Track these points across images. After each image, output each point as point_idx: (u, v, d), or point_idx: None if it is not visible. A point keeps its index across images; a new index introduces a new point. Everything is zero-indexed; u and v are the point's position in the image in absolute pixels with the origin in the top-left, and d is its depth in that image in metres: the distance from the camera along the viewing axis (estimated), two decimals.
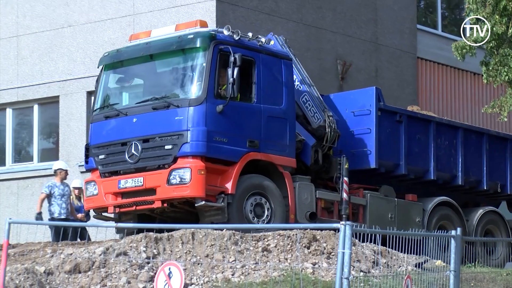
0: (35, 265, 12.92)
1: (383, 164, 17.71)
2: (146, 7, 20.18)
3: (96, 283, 12.90)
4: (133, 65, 16.55)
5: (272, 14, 20.81)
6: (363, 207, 17.42)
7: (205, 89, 15.32)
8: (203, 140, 15.19)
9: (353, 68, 22.52)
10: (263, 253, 14.20)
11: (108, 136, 16.12)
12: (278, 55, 16.69)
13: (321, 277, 13.30)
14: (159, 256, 13.61)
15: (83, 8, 20.88)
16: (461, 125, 19.69)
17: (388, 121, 17.89)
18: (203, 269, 13.49)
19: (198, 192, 15.05)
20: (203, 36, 15.57)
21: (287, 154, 16.37)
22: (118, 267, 13.20)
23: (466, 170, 19.04)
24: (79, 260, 13.20)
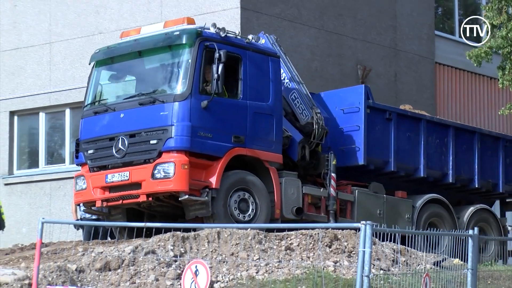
0: (67, 263, 12.95)
1: (372, 161, 17.42)
2: (174, 15, 20.16)
3: (126, 281, 12.91)
4: (122, 61, 16.33)
5: (294, 21, 20.78)
6: (351, 203, 17.08)
7: (190, 85, 15.09)
8: (187, 135, 14.97)
9: (373, 73, 22.44)
10: (286, 252, 14.17)
11: (97, 131, 15.91)
12: (265, 53, 16.40)
13: (342, 275, 13.25)
14: (186, 254, 13.62)
15: (113, 16, 20.93)
16: (452, 124, 19.28)
17: (377, 119, 17.59)
18: (228, 267, 13.48)
19: (181, 186, 14.82)
20: (189, 33, 15.36)
21: (274, 150, 16.08)
22: (146, 265, 13.22)
23: (457, 168, 18.69)
24: (109, 258, 13.22)
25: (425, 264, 13.87)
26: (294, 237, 14.42)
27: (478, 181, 18.96)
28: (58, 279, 12.35)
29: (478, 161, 19.00)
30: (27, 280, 12.11)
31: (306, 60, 21.05)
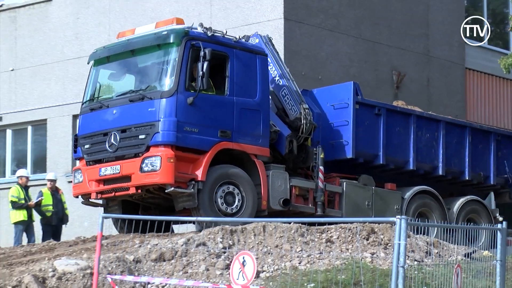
0: (125, 254, 13.02)
1: (361, 154, 17.00)
2: (222, 25, 20.12)
3: (179, 270, 12.96)
4: (117, 60, 16.09)
5: (334, 30, 20.74)
6: (339, 194, 16.67)
7: (176, 82, 14.81)
8: (173, 130, 14.67)
9: (407, 78, 22.34)
10: (327, 244, 14.14)
11: (92, 127, 15.71)
12: (253, 51, 16.04)
13: (379, 265, 13.21)
14: (234, 246, 13.64)
15: None
16: (443, 119, 18.55)
17: (366, 114, 17.14)
18: (273, 258, 13.48)
19: (167, 179, 14.53)
20: (176, 32, 15.09)
21: (260, 144, 15.71)
22: (198, 256, 13.26)
23: (448, 162, 18.16)
24: (163, 250, 13.28)
25: (456, 255, 13.77)
26: (334, 230, 14.39)
27: (469, 174, 18.42)
28: (117, 269, 12.43)
29: (469, 154, 18.45)
30: (88, 270, 12.19)
31: (345, 66, 21.00)
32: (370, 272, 12.37)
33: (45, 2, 22.85)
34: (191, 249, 13.35)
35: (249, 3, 19.95)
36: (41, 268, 12.34)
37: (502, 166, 19.07)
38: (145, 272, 12.74)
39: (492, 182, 18.92)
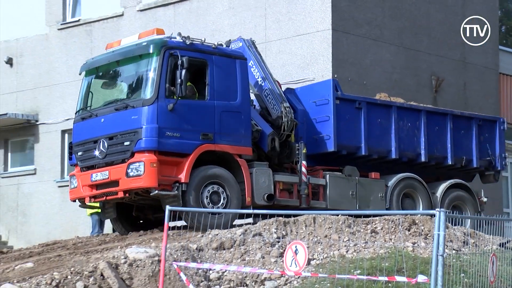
0: (189, 243, 13.08)
1: (343, 147, 16.41)
2: (276, 36, 20.22)
3: (237, 258, 12.97)
4: (104, 71, 15.70)
5: (377, 40, 20.60)
6: (323, 187, 16.11)
7: (156, 90, 14.32)
8: (155, 136, 14.20)
9: (445, 83, 22.10)
10: (372, 234, 14.07)
11: (84, 135, 15.30)
12: (232, 56, 15.52)
13: (419, 254, 13.10)
14: (287, 236, 13.62)
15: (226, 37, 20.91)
16: (423, 108, 17.84)
17: (347, 108, 16.52)
18: (323, 247, 13.44)
19: (151, 183, 14.11)
20: (155, 43, 14.66)
21: (243, 144, 15.22)
22: (254, 245, 13.26)
23: (430, 148, 17.40)
24: (223, 239, 13.30)
25: (491, 245, 13.58)
26: (378, 222, 14.31)
27: (451, 158, 17.69)
28: (182, 256, 12.47)
29: (451, 140, 17.72)
30: (156, 257, 12.25)
31: (388, 73, 20.86)
32: (411, 260, 12.26)
33: (117, 17, 23.03)
34: (248, 239, 13.36)
35: (300, 16, 19.90)
36: (114, 256, 12.44)
37: (485, 149, 18.27)
38: (207, 260, 12.78)
39: (475, 165, 18.14)
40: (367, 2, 20.37)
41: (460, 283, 10.84)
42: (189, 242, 13.12)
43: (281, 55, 20.00)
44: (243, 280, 12.25)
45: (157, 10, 22.31)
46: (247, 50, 16.52)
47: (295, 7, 19.97)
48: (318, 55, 19.52)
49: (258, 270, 11.88)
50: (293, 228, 13.90)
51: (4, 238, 24.14)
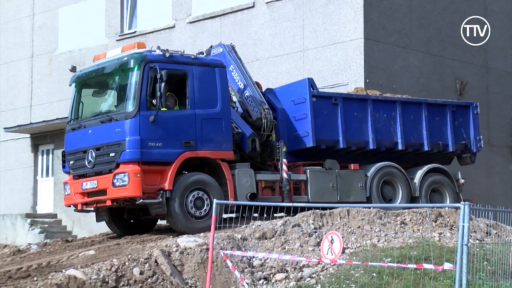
0: (234, 233, 13.08)
1: (322, 141, 15.77)
2: (312, 45, 20.17)
3: (278, 247, 12.95)
4: (90, 83, 15.07)
5: (406, 47, 20.45)
6: (304, 182, 15.48)
7: (138, 104, 13.68)
8: (137, 147, 13.58)
9: (468, 87, 21.84)
10: (401, 225, 13.97)
11: (75, 144, 14.68)
12: (211, 65, 14.80)
13: (445, 243, 12.98)
14: (324, 227, 13.57)
15: (267, 46, 21.06)
16: (398, 99, 17.11)
17: (323, 105, 15.85)
18: (356, 237, 13.37)
19: (135, 192, 13.55)
20: (135, 57, 14.00)
21: (224, 148, 14.55)
22: (293, 235, 13.22)
23: (407, 137, 16.69)
24: (265, 230, 13.29)
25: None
26: (407, 214, 14.21)
27: (428, 145, 16.93)
28: (228, 245, 12.49)
29: (426, 127, 16.95)
30: (205, 246, 12.27)
31: (415, 77, 20.69)
32: (438, 249, 12.16)
33: (169, 29, 23.14)
34: (287, 229, 13.34)
35: (335, 26, 19.82)
36: (167, 244, 12.49)
37: (460, 134, 17.55)
38: (250, 248, 12.77)
39: (451, 149, 17.38)
40: (396, 13, 20.24)
41: (483, 270, 10.73)
42: (234, 232, 13.12)
43: (317, 62, 19.93)
44: (283, 267, 12.23)
45: (205, 22, 22.37)
46: (227, 55, 15.99)
47: (330, 18, 19.90)
48: (351, 62, 19.43)
49: (297, 257, 11.84)
50: (328, 219, 13.84)
51: (69, 228, 24.44)
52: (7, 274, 12.29)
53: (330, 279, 11.65)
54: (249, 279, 11.80)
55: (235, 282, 11.62)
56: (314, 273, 12.04)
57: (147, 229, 15.38)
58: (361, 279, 11.28)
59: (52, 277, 11.23)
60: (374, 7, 19.70)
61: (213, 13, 22.16)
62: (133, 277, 11.50)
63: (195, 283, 11.81)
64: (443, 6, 21.43)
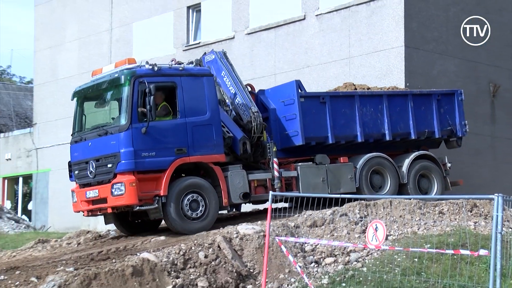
0: (288, 221, 13.08)
1: (311, 139, 15.10)
2: (358, 52, 20.01)
3: (327, 234, 12.91)
4: (89, 97, 14.48)
5: (443, 54, 20.13)
6: (295, 178, 14.82)
7: (129, 117, 13.11)
8: (131, 159, 13.05)
9: (501, 89, 21.38)
10: (439, 215, 13.79)
11: (78, 156, 14.19)
12: (199, 74, 14.14)
13: (480, 232, 12.76)
14: (368, 216, 13.47)
15: (317, 54, 20.97)
16: (384, 93, 16.25)
17: (312, 104, 15.18)
18: (398, 225, 13.25)
19: (132, 200, 13.06)
20: (125, 74, 13.39)
21: (215, 152, 13.91)
22: (341, 223, 13.17)
23: (394, 127, 15.92)
24: (316, 218, 13.26)
25: None
26: (444, 204, 14.01)
27: (414, 133, 16.11)
28: (282, 232, 12.49)
29: (412, 117, 16.13)
30: (262, 233, 12.30)
31: (452, 81, 20.34)
32: (473, 236, 11.98)
33: (229, 39, 23.22)
34: (336, 218, 13.28)
35: (378, 35, 19.64)
36: (228, 231, 12.55)
37: (446, 120, 16.73)
38: (302, 235, 12.75)
39: (437, 136, 16.59)
40: (434, 23, 19.95)
41: None
42: (288, 220, 13.12)
43: (362, 68, 19.79)
44: (332, 252, 12.19)
45: (261, 33, 22.39)
46: (219, 62, 15.34)
47: (374, 28, 19.74)
48: (393, 68, 19.23)
49: (344, 243, 11.79)
50: (373, 209, 13.74)
51: None
52: (89, 256, 12.51)
53: (375, 262, 11.56)
54: (302, 263, 11.78)
55: (289, 265, 11.60)
56: (360, 257, 11.96)
57: (153, 228, 14.95)
58: (403, 263, 11.17)
59: (128, 259, 11.38)
60: (414, 17, 19.48)
61: (268, 25, 22.17)
62: (199, 260, 11.58)
63: (253, 265, 11.84)
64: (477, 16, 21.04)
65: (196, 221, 13.53)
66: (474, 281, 9.97)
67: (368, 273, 11.02)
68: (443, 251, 9.65)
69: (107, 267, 11.03)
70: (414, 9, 19.51)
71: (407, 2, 19.25)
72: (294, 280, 11.40)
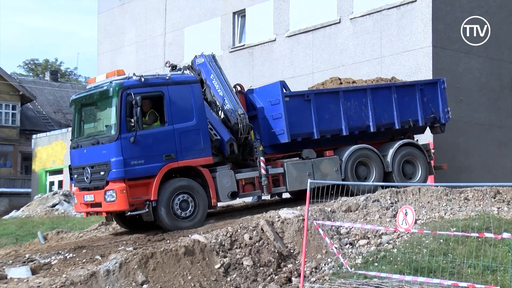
0: (325, 206, 13.03)
1: (297, 135, 14.45)
2: (389, 52, 19.80)
3: (361, 218, 12.83)
4: (84, 105, 13.84)
5: (468, 53, 19.77)
6: (282, 174, 14.19)
7: (118, 128, 12.55)
8: (121, 167, 12.49)
9: None
10: (464, 201, 13.58)
11: (76, 161, 13.63)
12: (185, 82, 13.42)
13: (503, 216, 12.53)
14: (399, 202, 13.34)
15: (351, 54, 20.83)
16: (368, 86, 15.42)
17: (297, 102, 14.49)
18: (426, 210, 13.09)
19: (123, 206, 12.61)
20: (113, 86, 12.78)
21: (203, 155, 13.29)
22: (373, 209, 13.07)
23: (378, 119, 15.18)
24: (350, 204, 13.18)
25: None
26: (469, 191, 13.78)
27: (398, 123, 15.42)
28: (320, 216, 12.45)
29: (396, 108, 15.37)
30: (301, 217, 12.28)
31: (476, 78, 20.00)
32: (497, 221, 11.76)
33: (271, 42, 23.21)
34: (369, 204, 13.19)
35: (407, 36, 19.41)
36: (270, 215, 12.56)
37: (429, 109, 15.96)
38: (338, 219, 12.68)
39: (421, 124, 15.89)
40: (459, 24, 19.61)
41: None
42: (325, 205, 13.06)
43: (392, 66, 19.59)
44: (365, 234, 12.10)
45: (300, 36, 22.30)
46: (208, 65, 14.61)
47: (403, 30, 19.51)
48: (421, 66, 19.00)
49: (377, 227, 11.69)
50: (403, 196, 13.60)
51: None
52: (147, 237, 12.67)
53: (405, 244, 11.45)
54: (337, 244, 11.73)
55: (326, 247, 11.57)
56: (391, 239, 11.85)
57: (152, 224, 13.97)
58: (431, 245, 11.04)
59: (181, 241, 11.48)
60: (441, 20, 19.18)
61: (306, 28, 22.07)
62: (244, 242, 11.61)
63: (293, 247, 11.83)
64: (500, 18, 20.59)
65: (186, 220, 13.07)
66: (497, 262, 9.81)
67: (399, 253, 10.93)
68: (468, 234, 9.49)
69: (162, 247, 11.14)
70: (441, 12, 19.22)
71: (434, 5, 19.00)
72: (330, 260, 11.36)
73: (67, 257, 11.46)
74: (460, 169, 18.98)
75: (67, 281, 10.15)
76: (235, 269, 11.04)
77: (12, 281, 10.40)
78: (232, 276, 10.91)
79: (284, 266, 11.38)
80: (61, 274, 10.48)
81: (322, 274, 10.95)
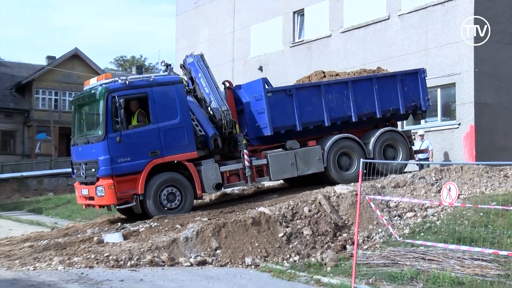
0: (375, 183, 12.91)
1: (280, 128, 13.81)
2: (434, 45, 19.24)
3: (408, 193, 12.64)
4: (80, 106, 13.44)
5: (507, 44, 18.95)
6: (265, 165, 13.57)
7: (105, 128, 12.18)
8: (109, 165, 12.15)
9: None
10: (504, 178, 13.16)
11: (75, 157, 13.30)
12: (169, 83, 12.86)
13: None
14: (443, 179, 13.07)
15: (399, 47, 20.32)
16: (349, 79, 14.61)
17: (279, 97, 13.81)
18: (468, 186, 12.78)
19: (111, 201, 12.30)
20: (99, 90, 12.44)
21: (188, 151, 12.83)
22: (420, 185, 12.85)
23: (359, 109, 14.46)
24: (398, 181, 13.01)
25: None
26: (509, 169, 13.34)
27: (379, 113, 14.69)
28: (371, 192, 12.34)
29: (377, 98, 14.60)
30: (354, 192, 12.22)
31: None
32: None
33: (327, 37, 22.93)
34: (415, 181, 12.98)
35: (451, 30, 18.78)
36: (327, 191, 12.53)
37: (409, 97, 15.18)
38: (388, 194, 12.54)
39: (402, 112, 15.12)
40: (500, 18, 18.85)
41: None
42: (375, 182, 12.93)
43: (437, 57, 19.04)
44: (412, 208, 11.93)
45: (353, 32, 21.94)
46: (196, 64, 14.04)
47: (448, 24, 18.92)
48: (463, 56, 18.39)
49: (423, 201, 11.49)
50: (446, 173, 13.32)
51: None
52: (219, 209, 12.85)
53: (448, 217, 11.23)
54: (387, 216, 11.61)
55: (377, 218, 11.47)
56: (436, 212, 11.63)
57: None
58: (472, 218, 10.77)
59: (249, 212, 11.62)
60: (482, 14, 18.49)
61: (359, 24, 21.69)
62: (304, 214, 11.65)
63: (347, 218, 11.78)
64: None
65: (173, 210, 12.66)
66: None
67: (442, 225, 10.73)
68: (508, 207, 9.21)
69: (233, 218, 11.31)
70: (483, 7, 18.52)
71: (476, 1, 18.33)
72: (381, 230, 11.26)
73: (152, 225, 11.78)
74: (500, 149, 18.36)
75: (152, 245, 10.48)
76: (296, 238, 11.10)
77: (108, 245, 10.79)
78: (293, 243, 10.98)
79: (339, 235, 11.37)
80: (148, 240, 10.81)
81: (373, 242, 10.89)
